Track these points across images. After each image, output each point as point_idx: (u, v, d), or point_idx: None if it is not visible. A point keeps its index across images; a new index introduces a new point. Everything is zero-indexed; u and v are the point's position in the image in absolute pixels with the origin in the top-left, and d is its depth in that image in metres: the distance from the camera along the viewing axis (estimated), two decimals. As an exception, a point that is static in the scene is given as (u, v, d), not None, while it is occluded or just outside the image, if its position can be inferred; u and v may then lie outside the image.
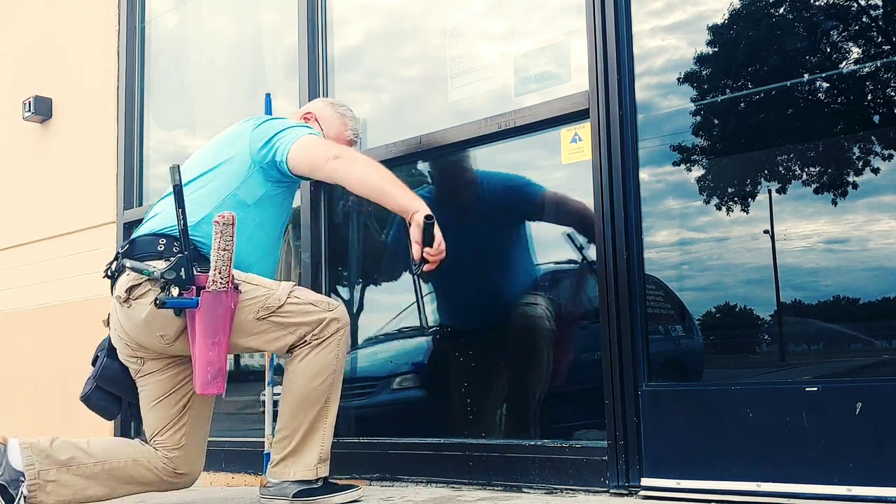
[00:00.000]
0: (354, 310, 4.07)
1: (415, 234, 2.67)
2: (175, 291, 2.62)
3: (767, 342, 2.83)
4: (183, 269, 2.63)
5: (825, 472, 2.39)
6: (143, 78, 4.88)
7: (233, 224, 2.58)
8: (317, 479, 2.85)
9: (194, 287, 2.62)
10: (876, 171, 2.54)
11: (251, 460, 3.87)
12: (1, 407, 5.49)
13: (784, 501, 2.44)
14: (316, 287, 3.76)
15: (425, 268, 2.69)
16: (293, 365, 2.83)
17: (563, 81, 3.19)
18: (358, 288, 4.10)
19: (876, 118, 2.65)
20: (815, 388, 2.44)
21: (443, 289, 3.64)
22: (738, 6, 2.82)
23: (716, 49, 2.88)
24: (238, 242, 2.63)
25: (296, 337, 2.80)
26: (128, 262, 2.75)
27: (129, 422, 4.52)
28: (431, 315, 3.77)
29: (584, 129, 2.99)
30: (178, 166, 2.70)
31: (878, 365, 2.56)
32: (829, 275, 2.61)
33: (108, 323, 2.95)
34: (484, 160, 3.59)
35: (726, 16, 2.83)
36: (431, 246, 2.65)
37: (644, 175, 2.88)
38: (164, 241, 2.77)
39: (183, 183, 2.69)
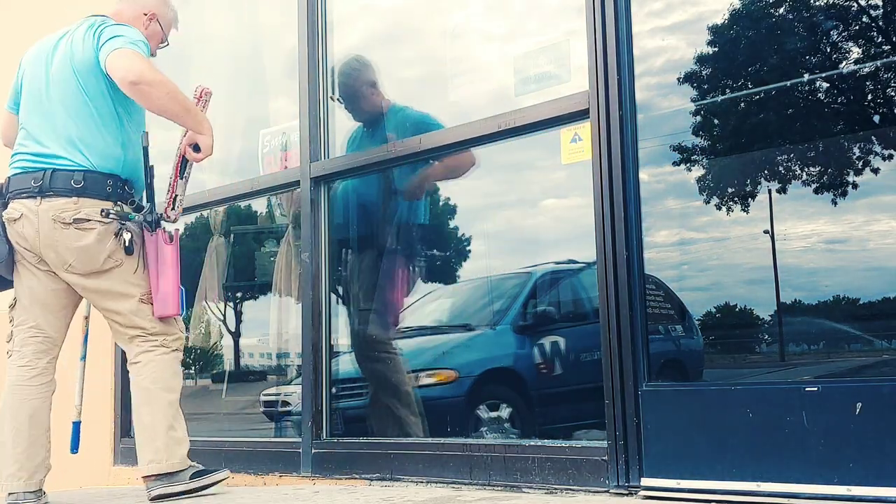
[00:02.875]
0: (354, 310, 4.08)
1: (191, 140, 3.20)
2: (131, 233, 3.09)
3: (767, 342, 2.84)
4: (152, 215, 3.15)
5: (825, 472, 2.39)
6: (144, 78, 4.87)
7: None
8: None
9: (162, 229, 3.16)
10: (876, 171, 2.54)
11: (251, 460, 3.87)
12: None
13: (784, 501, 2.44)
14: (316, 287, 3.76)
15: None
16: None
17: (563, 81, 3.19)
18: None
19: (876, 118, 2.65)
20: (815, 388, 2.44)
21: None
22: (738, 6, 2.82)
23: (716, 49, 2.88)
24: (128, 156, 3.16)
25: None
26: (112, 210, 3.09)
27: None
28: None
29: (584, 129, 2.99)
30: (147, 133, 3.17)
31: (878, 365, 2.56)
32: (829, 275, 2.62)
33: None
34: (484, 160, 3.60)
35: (726, 16, 2.83)
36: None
37: (644, 175, 2.88)
38: (111, 182, 3.12)
39: (53, 119, 3.12)
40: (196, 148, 3.20)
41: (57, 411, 3.21)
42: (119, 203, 3.11)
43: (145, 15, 3.32)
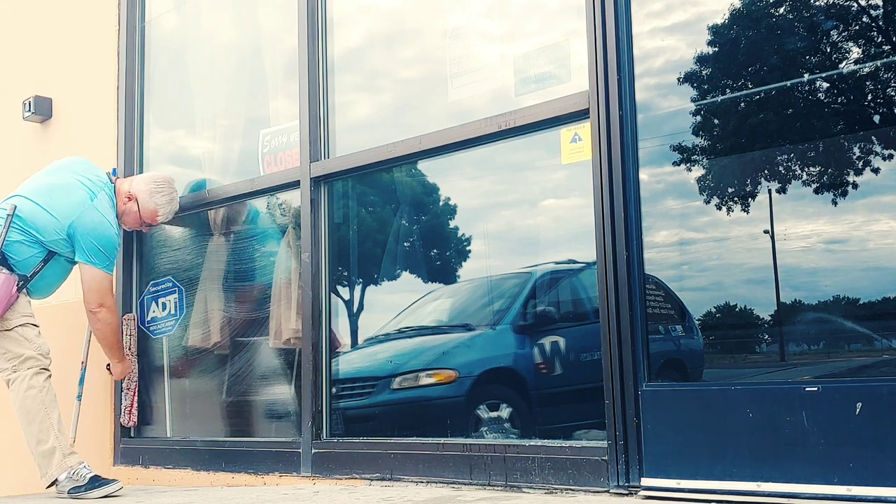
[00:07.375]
0: (354, 310, 4.08)
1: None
2: None
3: (767, 342, 2.84)
4: None
5: (825, 472, 2.39)
6: (143, 78, 4.88)
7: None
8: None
9: None
10: (876, 171, 2.54)
11: (251, 460, 3.87)
12: (1, 405, 5.49)
13: (784, 501, 2.45)
14: (316, 287, 3.76)
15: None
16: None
17: (563, 81, 3.19)
18: (358, 288, 4.10)
19: (876, 118, 2.65)
20: (815, 388, 2.44)
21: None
22: (738, 6, 2.82)
23: (716, 49, 2.88)
24: (47, 270, 3.82)
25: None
26: None
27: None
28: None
29: (584, 129, 2.99)
30: (17, 206, 3.78)
31: (878, 365, 2.56)
32: (829, 275, 2.61)
33: None
34: (484, 160, 3.60)
35: (726, 16, 2.83)
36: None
37: (644, 175, 2.88)
38: None
39: (31, 201, 3.80)
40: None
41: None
42: None
43: (128, 197, 4.04)
